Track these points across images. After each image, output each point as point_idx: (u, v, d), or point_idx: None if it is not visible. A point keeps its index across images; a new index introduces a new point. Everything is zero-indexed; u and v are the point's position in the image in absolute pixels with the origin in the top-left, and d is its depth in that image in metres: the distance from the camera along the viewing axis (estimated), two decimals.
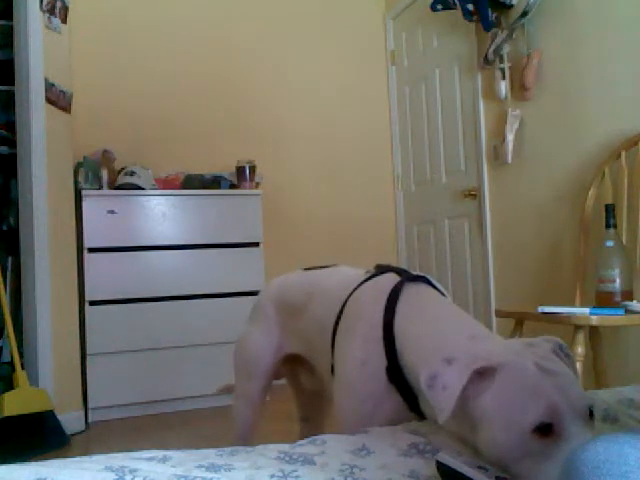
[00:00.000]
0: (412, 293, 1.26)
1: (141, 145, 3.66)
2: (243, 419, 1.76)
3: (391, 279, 1.30)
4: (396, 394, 1.19)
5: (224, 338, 3.34)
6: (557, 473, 0.83)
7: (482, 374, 0.95)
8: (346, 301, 1.37)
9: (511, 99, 3.10)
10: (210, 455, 0.92)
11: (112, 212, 3.27)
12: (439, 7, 3.34)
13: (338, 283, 1.49)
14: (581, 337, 1.97)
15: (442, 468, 0.84)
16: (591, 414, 0.90)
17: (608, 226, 2.23)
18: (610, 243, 2.22)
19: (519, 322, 2.26)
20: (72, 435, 2.86)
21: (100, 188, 3.34)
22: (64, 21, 3.01)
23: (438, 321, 1.18)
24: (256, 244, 3.52)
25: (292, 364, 1.76)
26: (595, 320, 1.95)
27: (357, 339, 1.24)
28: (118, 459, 0.86)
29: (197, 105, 3.83)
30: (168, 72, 3.79)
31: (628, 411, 1.06)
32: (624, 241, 2.29)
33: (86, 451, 2.65)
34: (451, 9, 3.27)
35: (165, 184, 3.50)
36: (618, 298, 2.17)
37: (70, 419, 2.88)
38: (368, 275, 1.39)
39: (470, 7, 3.10)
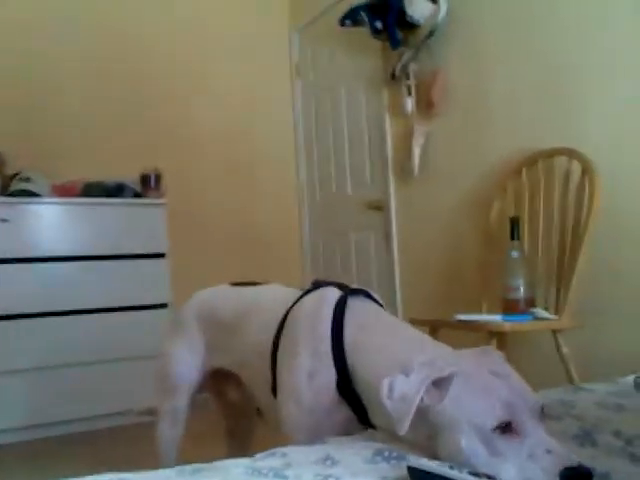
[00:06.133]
0: (357, 306, 1.27)
1: (35, 149, 3.43)
2: (169, 438, 1.69)
3: (334, 293, 1.30)
4: (346, 407, 1.19)
5: (129, 353, 3.19)
6: (519, 468, 0.87)
7: (438, 383, 0.98)
8: (284, 318, 1.35)
9: (417, 115, 3.22)
10: (171, 476, 0.87)
11: (4, 220, 3.04)
12: (347, 22, 3.41)
13: (273, 301, 1.47)
14: (495, 342, 2.07)
15: (415, 473, 0.84)
16: (543, 412, 0.95)
17: (513, 238, 2.37)
18: (515, 254, 2.36)
19: (434, 330, 2.34)
20: None
21: None
22: None
23: (388, 333, 1.20)
24: (161, 255, 3.40)
25: (217, 378, 1.72)
26: (508, 327, 2.06)
27: (303, 354, 1.23)
28: None
29: (97, 108, 3.65)
30: (65, 71, 3.58)
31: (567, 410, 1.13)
32: (526, 252, 2.44)
33: None
34: (360, 25, 3.35)
35: (63, 191, 3.29)
36: (522, 305, 2.30)
37: None
38: (304, 291, 1.39)
39: (379, 25, 3.19)
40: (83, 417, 3.12)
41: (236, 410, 1.82)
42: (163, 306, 3.35)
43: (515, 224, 2.37)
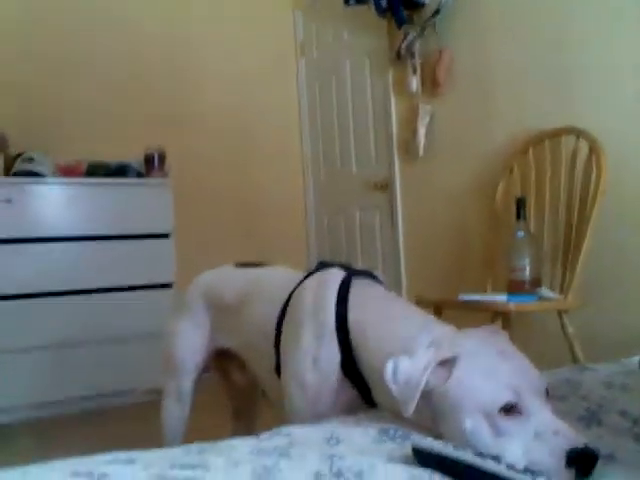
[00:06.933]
0: (362, 288, 1.27)
1: (39, 129, 3.41)
2: (174, 417, 1.70)
3: (338, 274, 1.29)
4: (350, 387, 1.19)
5: (133, 332, 3.21)
6: (525, 449, 0.87)
7: (444, 364, 0.97)
8: (288, 300, 1.35)
9: (422, 94, 3.19)
10: (177, 455, 0.87)
11: (8, 201, 3.03)
12: (352, 1, 3.37)
13: (277, 282, 1.47)
14: (499, 323, 2.07)
15: (419, 452, 0.84)
16: (547, 393, 0.95)
17: (519, 218, 2.36)
18: (521, 234, 2.35)
19: (438, 310, 2.33)
20: None
21: None
22: None
23: (393, 315, 1.19)
24: (166, 235, 3.40)
25: (222, 359, 1.72)
26: (513, 307, 2.05)
27: (307, 335, 1.23)
28: (81, 464, 0.79)
29: (100, 88, 3.62)
30: (69, 52, 3.55)
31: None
32: (531, 232, 2.42)
33: None
34: (364, 4, 3.31)
35: (67, 172, 3.28)
36: (528, 285, 2.30)
37: None
38: (308, 272, 1.38)
39: (384, 4, 3.15)
40: (89, 395, 3.14)
41: (241, 391, 1.82)
42: (168, 286, 3.36)
43: (521, 204, 2.35)
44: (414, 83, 3.21)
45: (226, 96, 3.99)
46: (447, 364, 0.97)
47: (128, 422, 2.85)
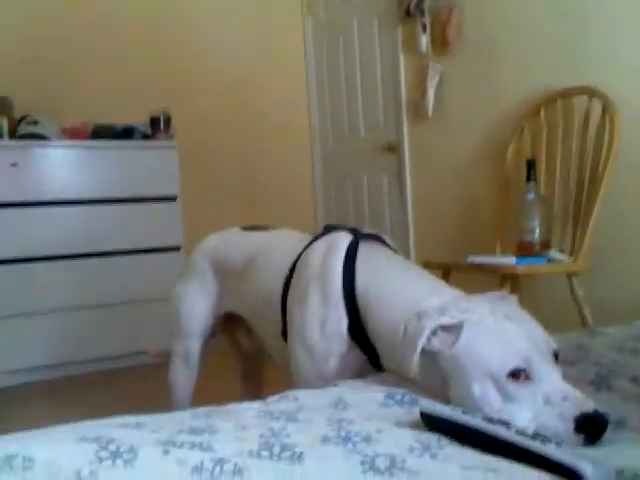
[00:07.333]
0: (369, 251, 1.25)
1: (43, 92, 3.36)
2: (182, 380, 1.71)
3: (345, 237, 1.28)
4: (358, 351, 1.19)
5: (143, 295, 3.22)
6: (534, 414, 0.86)
7: (451, 329, 0.96)
8: (295, 264, 1.34)
9: (432, 53, 3.12)
10: (185, 418, 0.87)
11: (14, 165, 3.01)
12: None
13: (284, 246, 1.45)
14: (508, 286, 2.06)
15: (427, 417, 0.84)
16: (556, 357, 0.94)
17: (529, 180, 2.32)
18: (531, 196, 2.32)
19: (446, 272, 2.32)
20: None
21: None
22: None
23: (400, 278, 1.18)
24: (173, 198, 3.39)
25: (229, 323, 1.72)
26: (521, 269, 2.04)
27: (314, 299, 1.22)
28: (88, 428, 0.79)
29: (106, 51, 3.56)
30: (74, 16, 3.48)
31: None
32: (542, 194, 2.39)
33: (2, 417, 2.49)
34: None
35: (72, 135, 3.25)
36: (537, 248, 2.27)
37: None
38: (315, 236, 1.36)
39: None
40: (101, 357, 3.17)
41: (248, 355, 1.83)
42: (176, 249, 3.36)
43: (532, 166, 2.32)
44: (423, 41, 3.13)
45: (232, 60, 3.92)
46: (454, 329, 0.96)
47: (139, 383, 2.89)
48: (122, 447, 0.71)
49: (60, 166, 3.17)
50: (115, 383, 2.99)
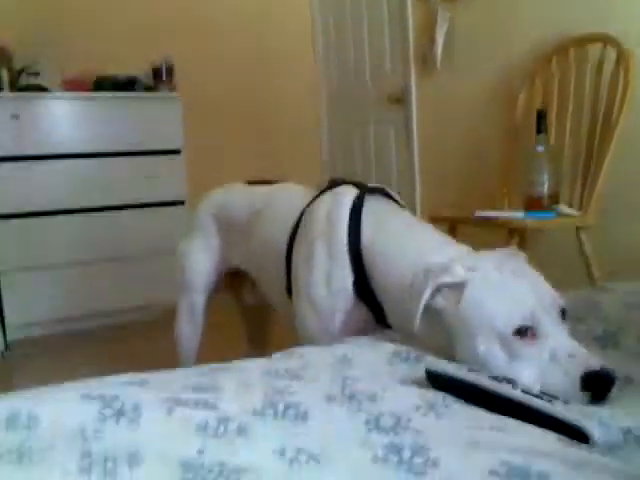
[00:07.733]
0: (375, 205, 1.23)
1: (43, 43, 3.28)
2: (187, 334, 1.73)
3: (350, 192, 1.25)
4: (363, 307, 1.18)
5: (148, 250, 3.23)
6: (540, 372, 0.86)
7: (456, 286, 0.95)
8: (300, 219, 1.32)
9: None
10: (190, 376, 0.87)
11: (15, 117, 2.98)
12: None
13: (288, 201, 1.43)
14: (516, 241, 2.03)
15: (432, 375, 0.84)
16: (564, 314, 0.93)
17: (539, 131, 2.27)
18: (541, 148, 2.26)
19: (452, 227, 2.30)
20: None
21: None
22: None
23: (406, 234, 1.16)
24: (177, 151, 3.35)
25: (234, 278, 1.72)
26: (530, 224, 2.01)
27: (319, 255, 1.21)
28: (93, 387, 0.79)
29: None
30: None
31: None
32: (552, 146, 2.34)
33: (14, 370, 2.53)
34: None
35: (74, 86, 3.20)
36: (546, 201, 2.24)
37: None
38: (320, 190, 1.34)
39: None
40: (106, 312, 3.20)
41: (253, 310, 1.83)
42: (180, 203, 3.34)
43: (542, 116, 2.26)
44: None
45: (238, 5, 3.81)
46: (458, 287, 0.95)
47: (144, 338, 2.92)
48: (126, 405, 0.72)
49: (61, 118, 3.13)
50: (120, 338, 3.01)
